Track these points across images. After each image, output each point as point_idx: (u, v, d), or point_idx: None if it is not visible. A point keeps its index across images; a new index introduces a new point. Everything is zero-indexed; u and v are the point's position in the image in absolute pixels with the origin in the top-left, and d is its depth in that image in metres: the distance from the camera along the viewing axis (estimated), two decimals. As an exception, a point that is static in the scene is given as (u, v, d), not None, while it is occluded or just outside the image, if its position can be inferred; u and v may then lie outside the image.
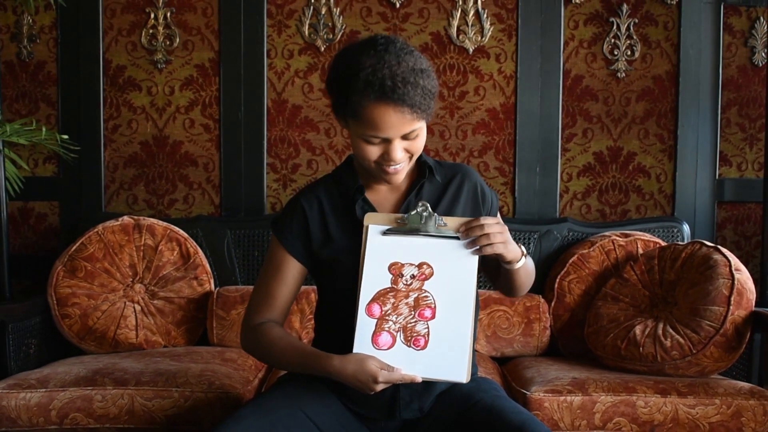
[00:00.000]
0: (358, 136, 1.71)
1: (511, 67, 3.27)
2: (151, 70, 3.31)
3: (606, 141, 3.29)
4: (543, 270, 3.06)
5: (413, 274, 1.67)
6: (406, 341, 1.65)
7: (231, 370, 2.54)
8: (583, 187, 3.30)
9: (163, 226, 2.99)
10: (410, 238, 1.68)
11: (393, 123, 1.65)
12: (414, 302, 1.66)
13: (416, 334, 1.65)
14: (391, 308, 1.66)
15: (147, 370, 2.45)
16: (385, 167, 1.73)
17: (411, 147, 1.72)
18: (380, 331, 1.65)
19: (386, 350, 1.65)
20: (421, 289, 1.66)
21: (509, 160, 3.28)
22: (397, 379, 1.63)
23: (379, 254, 1.68)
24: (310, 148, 3.30)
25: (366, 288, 1.67)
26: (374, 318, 1.66)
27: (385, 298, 1.67)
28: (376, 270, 1.67)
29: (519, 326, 2.89)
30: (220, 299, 2.92)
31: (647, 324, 2.59)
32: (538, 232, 3.10)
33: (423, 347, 1.64)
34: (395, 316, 1.65)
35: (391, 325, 1.65)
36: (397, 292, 1.66)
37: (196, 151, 3.32)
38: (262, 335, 1.82)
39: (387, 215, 1.72)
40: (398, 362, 1.64)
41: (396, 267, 1.68)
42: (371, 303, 1.67)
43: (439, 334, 1.64)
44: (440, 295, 1.66)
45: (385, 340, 1.65)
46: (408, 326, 1.65)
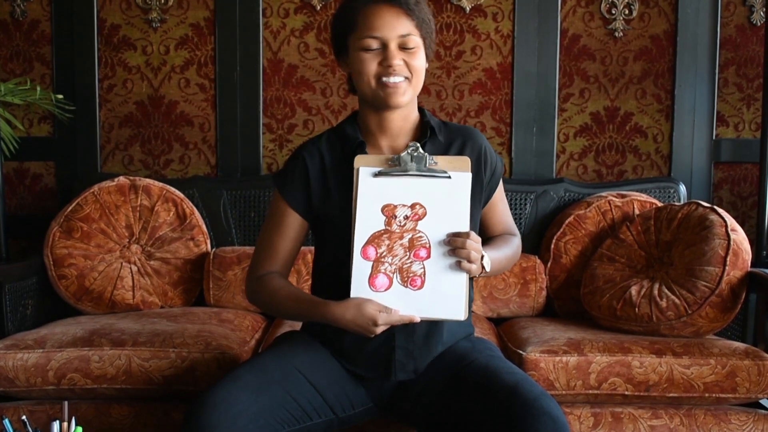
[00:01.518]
0: (357, 50, 1.75)
1: (508, 26, 3.22)
2: (145, 29, 3.25)
3: (603, 101, 3.26)
4: (539, 230, 3.05)
5: (406, 214, 1.68)
6: (403, 282, 1.66)
7: (228, 330, 2.53)
8: (580, 148, 3.27)
9: (159, 186, 2.96)
10: (402, 179, 1.69)
11: (387, 20, 1.72)
12: (409, 243, 1.66)
13: (412, 274, 1.66)
14: (386, 250, 1.67)
15: (144, 331, 2.44)
16: (385, 82, 1.74)
17: (409, 61, 1.75)
18: (376, 273, 1.66)
19: (383, 292, 1.66)
20: (415, 230, 1.67)
21: (506, 120, 3.24)
22: (396, 320, 1.65)
23: (371, 196, 1.69)
24: (306, 108, 3.26)
25: (360, 231, 1.67)
26: (370, 260, 1.67)
27: (379, 240, 1.67)
28: (369, 212, 1.68)
29: (515, 287, 2.88)
30: (217, 260, 2.91)
31: (643, 284, 2.58)
32: (535, 192, 3.08)
33: (420, 287, 1.65)
34: (391, 258, 1.66)
35: (387, 267, 1.66)
36: (392, 233, 1.67)
37: (192, 111, 3.27)
38: (264, 286, 1.84)
39: (377, 156, 1.73)
40: (396, 303, 1.66)
41: (389, 208, 1.68)
42: (366, 246, 1.67)
43: (435, 274, 1.65)
44: (434, 234, 1.66)
45: (382, 281, 1.66)
46: (404, 267, 1.66)
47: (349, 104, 3.25)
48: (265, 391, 1.68)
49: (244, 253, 2.92)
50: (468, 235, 1.65)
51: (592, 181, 3.26)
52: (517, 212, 3.06)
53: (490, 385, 1.68)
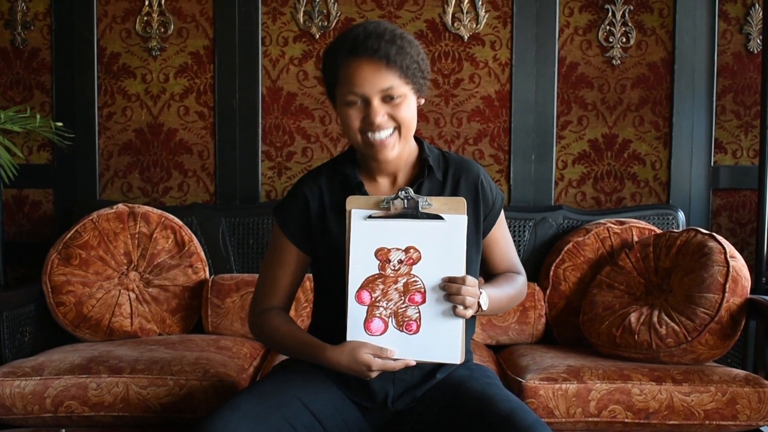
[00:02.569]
0: (341, 105, 1.72)
1: (506, 54, 3.25)
2: (145, 58, 3.28)
3: (601, 128, 3.28)
4: (538, 258, 3.05)
5: (401, 258, 1.65)
6: (399, 326, 1.65)
7: (226, 358, 2.53)
8: (578, 175, 3.29)
9: (158, 213, 2.97)
10: (395, 222, 1.66)
11: (366, 76, 1.67)
12: (403, 287, 1.65)
13: (408, 318, 1.65)
14: (380, 294, 1.65)
15: (142, 358, 2.43)
16: (369, 138, 1.72)
17: (395, 113, 1.71)
18: (372, 317, 1.65)
19: (379, 336, 1.65)
20: (410, 274, 1.65)
21: (504, 147, 3.26)
22: (390, 366, 1.64)
23: (364, 240, 1.66)
24: (305, 136, 3.28)
25: (354, 275, 1.66)
26: (364, 305, 1.65)
27: (374, 285, 1.66)
28: (362, 256, 1.66)
29: (514, 314, 2.88)
30: (215, 287, 2.91)
31: (642, 311, 2.58)
32: (533, 219, 3.08)
33: (415, 332, 1.64)
34: (385, 302, 1.65)
35: (383, 311, 1.65)
36: (386, 278, 1.65)
37: (191, 139, 3.29)
38: (265, 322, 1.85)
39: (369, 198, 1.69)
40: (392, 347, 1.65)
41: (382, 252, 1.66)
42: (360, 290, 1.66)
43: (430, 318, 1.64)
44: (429, 278, 1.64)
45: (377, 326, 1.65)
46: (399, 311, 1.65)
47: (348, 132, 3.26)
48: (264, 420, 1.67)
49: (243, 280, 2.93)
50: (463, 280, 1.62)
51: (590, 208, 3.27)
52: (516, 239, 3.06)
53: (485, 413, 1.67)
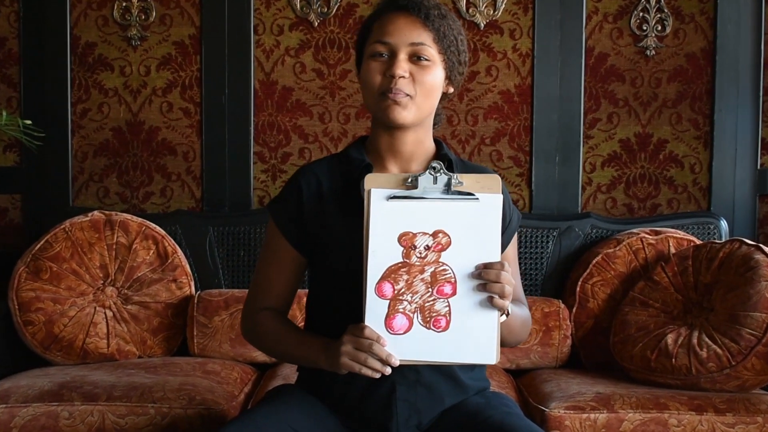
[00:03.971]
0: (366, 58, 1.80)
1: (527, 44, 3.25)
2: (124, 48, 3.29)
3: (633, 127, 3.28)
4: (563, 272, 3.06)
5: (428, 244, 1.64)
6: (425, 323, 1.64)
7: (214, 383, 2.53)
8: (608, 179, 3.29)
9: (138, 222, 2.98)
10: (421, 203, 1.66)
11: (399, 26, 1.76)
12: (431, 277, 1.64)
13: (436, 313, 1.64)
14: (404, 286, 1.64)
15: (119, 384, 2.43)
16: (387, 92, 1.76)
17: (418, 75, 1.76)
18: (394, 313, 1.64)
19: (402, 335, 1.64)
20: (438, 262, 1.64)
21: (525, 148, 3.27)
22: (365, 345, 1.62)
23: (385, 224, 1.65)
24: (302, 135, 3.29)
25: (374, 264, 1.64)
26: (386, 299, 1.64)
27: (396, 275, 1.64)
28: (383, 243, 1.65)
29: (536, 335, 2.88)
30: (202, 304, 2.92)
31: (680, 332, 2.58)
32: (558, 229, 3.09)
33: (444, 328, 1.63)
34: (410, 295, 1.64)
35: (407, 306, 1.64)
36: (411, 266, 1.64)
37: (175, 139, 3.30)
38: (257, 323, 1.87)
39: (392, 176, 1.69)
40: (418, 347, 1.63)
41: (407, 238, 1.65)
42: (381, 281, 1.64)
43: (462, 312, 1.63)
44: (461, 266, 1.64)
45: (401, 323, 1.64)
46: (426, 305, 1.64)
47: (350, 131, 3.28)
48: (256, 453, 1.68)
49: (233, 296, 2.93)
50: (501, 266, 1.62)
51: (621, 216, 3.27)
52: (539, 251, 3.07)
53: None
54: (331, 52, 3.27)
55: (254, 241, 3.10)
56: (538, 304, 2.90)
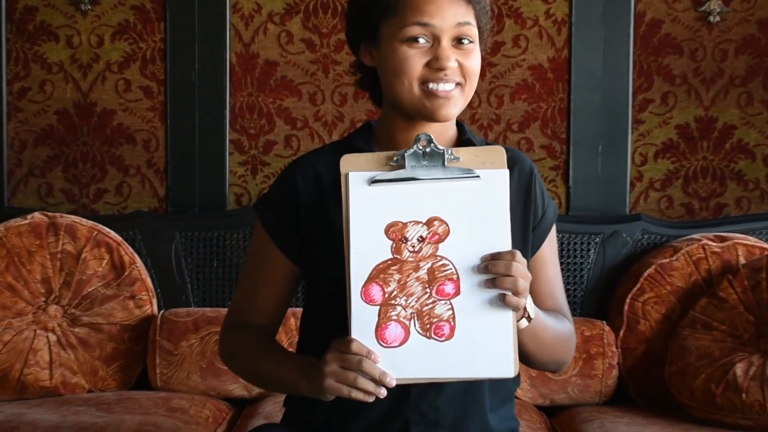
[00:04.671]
0: (396, 41, 1.74)
1: (564, 8, 3.26)
2: (71, 14, 3.30)
3: (694, 110, 3.28)
4: (607, 286, 3.06)
5: (422, 235, 1.64)
6: (425, 331, 1.63)
7: (180, 423, 2.54)
8: (663, 173, 3.30)
9: (88, 226, 2.99)
10: (410, 185, 1.65)
11: (443, 4, 1.72)
12: (428, 275, 1.63)
13: (437, 319, 1.63)
14: (396, 288, 1.63)
15: (65, 424, 2.44)
16: (433, 90, 1.74)
17: (465, 61, 1.74)
18: (386, 321, 1.63)
19: (398, 347, 1.63)
20: (436, 256, 1.63)
21: (561, 135, 3.27)
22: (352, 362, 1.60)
23: (369, 213, 1.65)
24: (288, 120, 3.30)
25: (358, 264, 1.64)
26: (375, 305, 1.64)
27: (386, 275, 1.64)
28: (368, 237, 1.64)
29: (575, 364, 2.88)
30: (166, 326, 2.93)
31: (752, 361, 2.58)
32: (601, 234, 3.09)
33: (448, 336, 1.63)
34: (404, 299, 1.63)
35: (401, 312, 1.63)
36: (403, 263, 1.64)
37: (134, 124, 3.31)
38: (238, 339, 1.89)
39: (372, 155, 1.69)
40: (418, 361, 1.63)
41: (396, 229, 1.64)
42: (368, 284, 1.64)
43: (468, 315, 1.63)
44: (463, 259, 1.63)
45: (395, 333, 1.63)
46: (424, 310, 1.63)
47: (347, 114, 3.28)
48: None
49: (204, 317, 2.95)
50: (512, 255, 1.61)
51: (679, 219, 3.27)
52: (577, 262, 3.08)
53: None
54: (324, 19, 3.27)
55: (230, 249, 3.10)
56: (578, 326, 2.85)
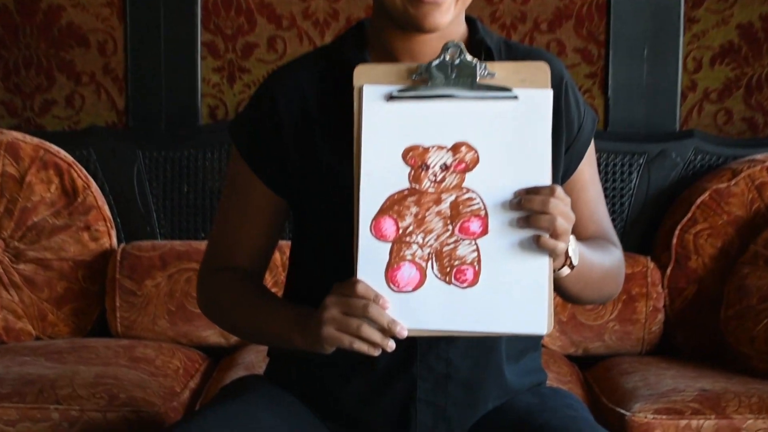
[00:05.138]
0: None
1: None
2: None
3: (759, 6, 3.26)
4: (652, 216, 3.08)
5: (446, 163, 1.65)
6: (443, 275, 1.64)
7: (145, 376, 2.56)
8: (720, 82, 3.28)
9: (34, 144, 3.01)
10: (435, 104, 1.67)
11: None
12: (451, 210, 1.65)
13: (458, 261, 1.64)
14: (413, 223, 1.65)
15: (8, 377, 2.47)
16: None
17: None
18: (399, 261, 1.64)
19: (411, 292, 1.64)
20: (461, 188, 1.64)
21: (598, 37, 3.26)
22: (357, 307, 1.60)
23: (385, 135, 1.67)
24: (272, 18, 3.27)
25: (369, 193, 1.66)
26: (386, 241, 1.65)
27: (401, 208, 1.65)
28: (382, 161, 1.66)
29: (614, 306, 2.91)
30: (127, 262, 2.95)
31: (824, 303, 2.58)
32: (646, 154, 3.10)
33: (472, 282, 1.64)
34: (422, 236, 1.64)
35: (417, 251, 1.64)
36: (422, 195, 1.65)
37: (87, 23, 3.29)
38: (219, 287, 1.92)
39: (392, 66, 1.70)
40: (434, 310, 1.64)
41: (416, 154, 1.66)
42: (380, 217, 1.65)
43: (496, 259, 1.64)
44: (493, 194, 1.64)
45: (409, 275, 1.64)
46: (444, 251, 1.64)
47: (343, 11, 3.26)
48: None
49: (172, 251, 2.98)
50: (551, 191, 1.61)
51: (739, 136, 3.27)
52: (617, 187, 3.08)
53: None
54: None
55: (203, 171, 3.12)
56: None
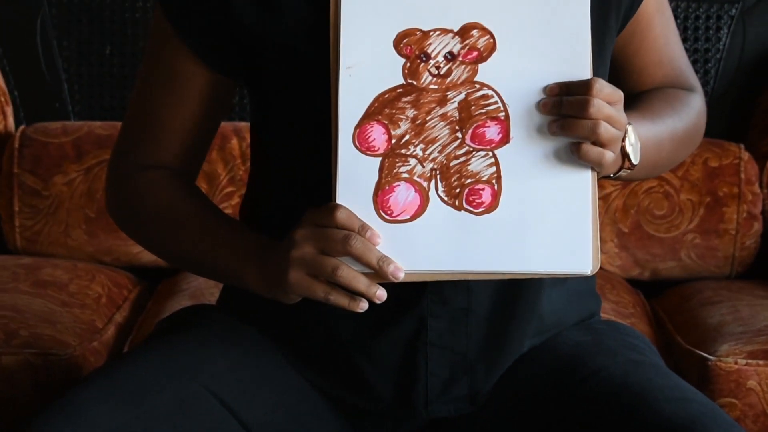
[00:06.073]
0: None
1: None
2: None
3: None
4: (745, 87, 3.10)
5: (452, 51, 1.64)
6: (451, 197, 1.64)
7: (56, 306, 2.60)
8: None
9: None
10: None
11: None
12: (460, 112, 1.64)
13: (471, 179, 1.64)
14: (410, 130, 1.64)
15: None
16: None
17: None
18: (392, 181, 1.64)
19: (409, 221, 1.64)
20: (473, 83, 1.63)
21: None
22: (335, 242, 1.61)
23: (370, 15, 1.65)
24: None
25: (350, 92, 1.65)
26: (375, 154, 1.64)
27: (394, 111, 1.64)
28: (367, 50, 1.65)
29: (692, 212, 2.93)
30: (30, 151, 3.00)
31: None
32: (739, 3, 3.11)
33: (489, 207, 1.64)
34: (422, 147, 1.64)
35: (416, 167, 1.64)
36: (421, 93, 1.64)
37: None
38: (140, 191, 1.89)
39: None
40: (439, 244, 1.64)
41: (412, 40, 1.64)
42: (366, 123, 1.64)
43: (521, 176, 1.65)
44: (515, 90, 1.64)
45: (405, 199, 1.64)
46: (452, 165, 1.64)
47: None
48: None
49: (91, 135, 3.01)
50: (592, 85, 1.61)
51: None
52: (699, 48, 3.10)
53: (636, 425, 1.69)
54: None
55: (132, 25, 3.12)
56: (699, 151, 2.93)
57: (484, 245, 1.64)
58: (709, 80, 3.08)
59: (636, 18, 1.91)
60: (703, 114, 2.00)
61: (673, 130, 1.88)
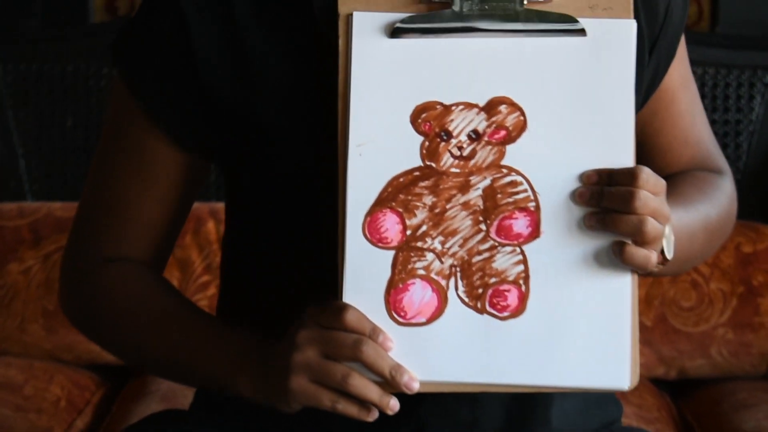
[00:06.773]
0: None
1: None
2: None
3: None
4: None
5: (476, 129, 1.63)
6: (473, 299, 1.62)
7: (8, 411, 2.63)
8: None
9: None
10: (461, 41, 1.65)
11: None
12: (484, 200, 1.62)
13: (496, 278, 1.62)
14: (427, 220, 1.63)
15: None
16: None
17: None
18: (407, 278, 1.62)
19: (424, 324, 1.62)
20: (500, 167, 1.62)
21: None
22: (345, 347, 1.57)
23: (385, 86, 1.65)
24: None
25: (360, 176, 1.64)
26: (387, 247, 1.63)
27: (410, 197, 1.63)
28: (381, 127, 1.64)
29: (723, 303, 2.94)
30: None
31: None
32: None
33: (515, 311, 1.61)
34: (440, 240, 1.63)
35: (433, 263, 1.62)
36: (441, 177, 1.63)
37: None
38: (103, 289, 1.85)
39: None
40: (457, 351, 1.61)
41: (431, 115, 1.63)
42: (377, 211, 1.63)
43: (551, 276, 1.62)
44: (548, 177, 1.62)
45: (421, 299, 1.62)
46: (475, 262, 1.62)
47: None
48: None
49: (50, 218, 3.02)
50: (637, 174, 1.61)
51: None
52: (730, 119, 3.14)
53: None
54: None
55: (96, 94, 3.15)
56: (732, 239, 2.92)
57: (508, 354, 1.62)
58: (741, 155, 3.10)
59: (659, 93, 1.91)
60: (734, 199, 1.98)
61: (707, 219, 1.86)
